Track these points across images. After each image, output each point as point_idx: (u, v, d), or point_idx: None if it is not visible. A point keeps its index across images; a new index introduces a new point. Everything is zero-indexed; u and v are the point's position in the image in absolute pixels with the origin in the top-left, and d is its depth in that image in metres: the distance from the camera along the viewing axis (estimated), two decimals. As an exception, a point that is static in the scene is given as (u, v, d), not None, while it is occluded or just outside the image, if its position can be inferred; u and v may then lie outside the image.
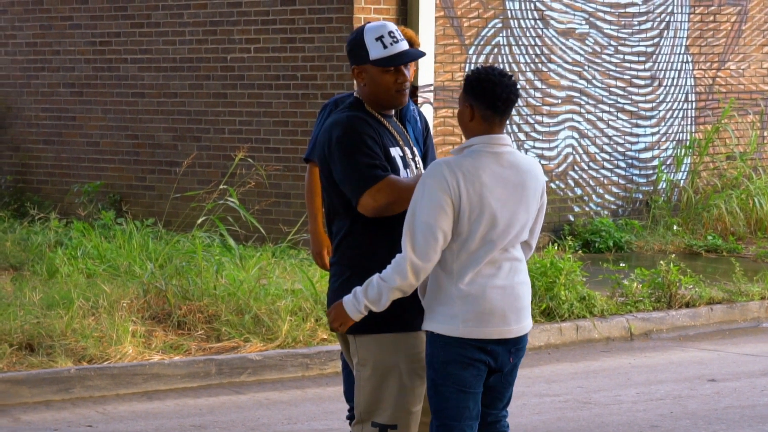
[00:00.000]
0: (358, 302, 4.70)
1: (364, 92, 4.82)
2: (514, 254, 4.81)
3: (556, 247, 10.47)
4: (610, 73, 13.58)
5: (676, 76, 14.14)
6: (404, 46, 4.79)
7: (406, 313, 4.77)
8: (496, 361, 4.81)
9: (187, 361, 8.35)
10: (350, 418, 6.07)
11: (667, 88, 14.08)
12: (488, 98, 4.71)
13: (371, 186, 4.65)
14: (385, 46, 4.74)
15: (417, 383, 4.80)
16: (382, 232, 4.75)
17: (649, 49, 13.89)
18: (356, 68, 4.79)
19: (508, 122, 12.64)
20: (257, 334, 8.80)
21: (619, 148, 13.72)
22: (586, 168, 13.44)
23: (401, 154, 4.81)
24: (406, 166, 4.82)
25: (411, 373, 4.77)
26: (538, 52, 12.96)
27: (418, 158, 4.92)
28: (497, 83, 4.71)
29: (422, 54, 4.86)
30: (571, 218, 13.29)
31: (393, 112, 4.92)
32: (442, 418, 4.78)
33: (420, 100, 11.81)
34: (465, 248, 4.71)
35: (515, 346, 4.85)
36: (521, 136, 12.88)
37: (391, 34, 4.75)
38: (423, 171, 4.88)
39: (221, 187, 10.67)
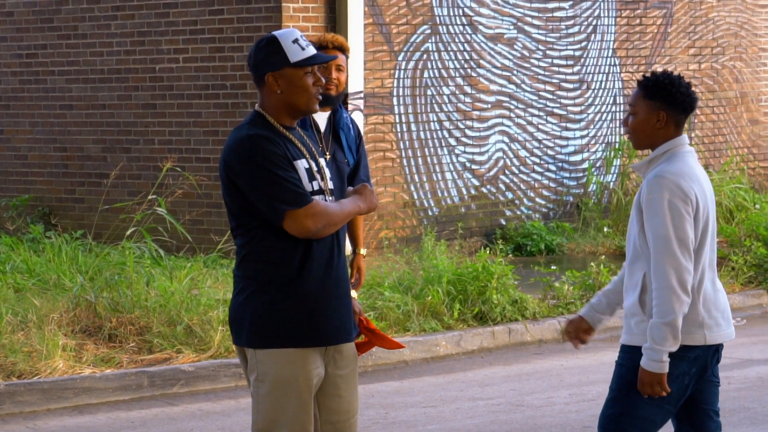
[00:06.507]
0: (655, 355, 4.62)
1: (277, 101, 4.70)
2: None
3: (487, 251, 10.51)
4: (539, 77, 13.67)
5: (604, 79, 14.26)
6: (314, 49, 4.78)
7: (306, 328, 4.66)
8: (700, 370, 4.79)
9: (118, 374, 8.29)
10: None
11: (596, 91, 14.19)
12: (687, 104, 4.77)
13: (303, 205, 4.58)
14: (302, 48, 4.69)
15: (312, 401, 4.70)
16: (289, 247, 4.65)
17: (577, 53, 14.00)
18: (271, 75, 4.68)
19: (438, 127, 12.73)
20: (189, 345, 8.76)
21: (549, 152, 13.81)
22: (516, 172, 13.52)
23: (307, 167, 4.71)
24: (311, 178, 4.71)
25: (308, 389, 4.67)
26: (467, 57, 13.01)
27: (325, 170, 4.81)
28: (689, 88, 4.79)
29: (334, 57, 4.91)
30: (503, 222, 13.36)
31: (296, 123, 4.83)
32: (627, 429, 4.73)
33: (350, 107, 11.81)
34: (701, 250, 4.71)
35: (719, 351, 4.86)
36: (452, 141, 12.93)
37: (303, 38, 4.73)
38: (338, 187, 4.84)
39: (150, 197, 10.61)
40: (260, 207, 4.63)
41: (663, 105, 4.76)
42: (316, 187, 4.72)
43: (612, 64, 14.31)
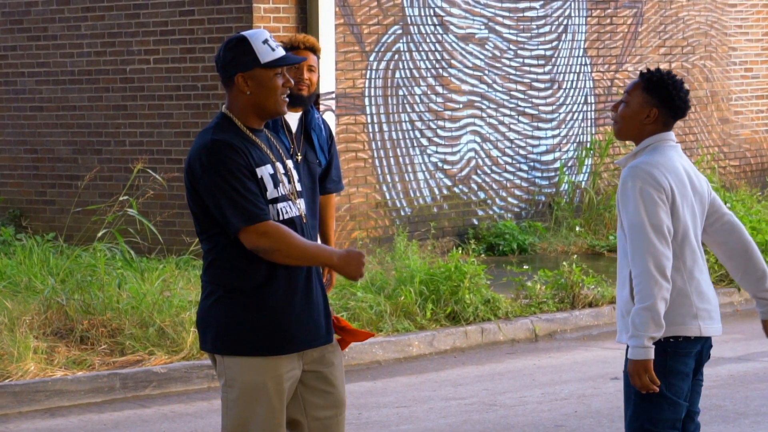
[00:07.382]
0: (638, 342, 4.57)
1: (246, 102, 4.64)
2: None
3: (460, 251, 10.52)
4: (510, 77, 13.69)
5: (575, 78, 14.30)
6: (284, 51, 4.73)
7: (274, 336, 4.59)
8: (696, 365, 4.79)
9: (90, 376, 8.26)
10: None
11: (567, 90, 14.23)
12: (680, 107, 4.78)
13: (254, 223, 4.51)
14: (272, 49, 4.64)
15: (283, 405, 4.64)
16: (256, 255, 4.57)
17: (548, 53, 14.03)
18: (241, 76, 4.61)
19: (410, 128, 12.74)
20: (162, 347, 8.74)
21: (521, 152, 13.83)
22: (488, 172, 13.53)
23: (271, 172, 4.63)
24: (276, 184, 4.62)
25: (279, 394, 4.60)
26: (439, 57, 13.03)
27: (292, 172, 4.74)
28: (687, 95, 4.78)
29: (304, 59, 4.90)
30: (475, 222, 13.37)
31: (268, 124, 4.79)
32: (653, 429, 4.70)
33: (322, 107, 11.80)
34: (686, 242, 4.70)
35: (710, 346, 4.85)
36: (424, 141, 12.94)
37: (272, 38, 4.68)
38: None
39: (122, 198, 10.57)
40: (217, 217, 4.58)
41: (658, 103, 4.76)
42: (281, 192, 4.64)
43: (583, 63, 14.34)
